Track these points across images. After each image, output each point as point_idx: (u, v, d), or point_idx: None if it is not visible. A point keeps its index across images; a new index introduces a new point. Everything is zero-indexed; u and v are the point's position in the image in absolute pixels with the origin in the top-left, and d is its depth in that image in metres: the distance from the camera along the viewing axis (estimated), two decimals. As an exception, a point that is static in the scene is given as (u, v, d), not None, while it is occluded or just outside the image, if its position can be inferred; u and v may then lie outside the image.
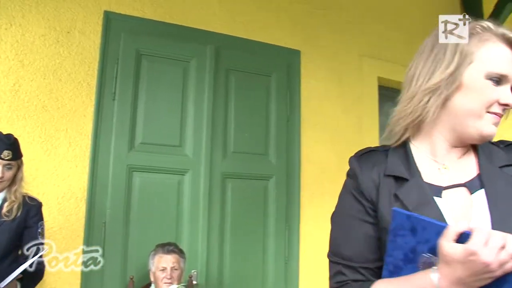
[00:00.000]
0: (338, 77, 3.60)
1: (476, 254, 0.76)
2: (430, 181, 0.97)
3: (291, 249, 3.17)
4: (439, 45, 1.00)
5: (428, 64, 0.99)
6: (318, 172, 3.37)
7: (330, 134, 3.47)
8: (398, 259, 0.90)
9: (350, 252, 1.01)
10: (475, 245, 0.76)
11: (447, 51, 0.96)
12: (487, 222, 0.89)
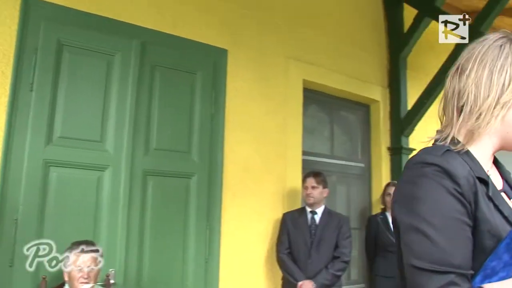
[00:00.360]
0: (264, 78, 3.75)
1: None
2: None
3: (211, 249, 3.28)
4: (506, 62, 1.05)
5: (499, 78, 1.05)
6: (241, 171, 3.50)
7: (254, 134, 3.61)
8: (502, 262, 0.92)
9: (460, 259, 0.95)
10: None
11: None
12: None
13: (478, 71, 1.06)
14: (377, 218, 4.06)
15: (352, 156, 4.73)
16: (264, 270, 3.59)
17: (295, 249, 3.46)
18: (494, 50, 1.07)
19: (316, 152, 4.37)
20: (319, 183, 3.55)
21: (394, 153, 4.71)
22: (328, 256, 3.45)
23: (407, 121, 4.68)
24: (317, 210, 3.56)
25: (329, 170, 4.38)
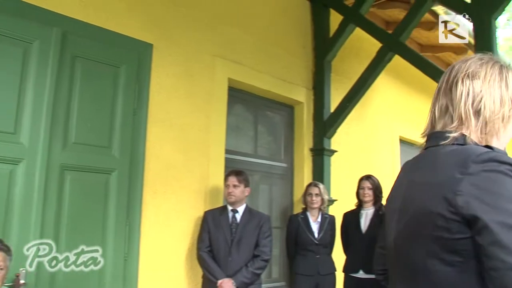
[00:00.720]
0: (189, 75, 3.82)
1: None
2: None
3: (131, 246, 3.31)
4: (510, 81, 1.22)
5: (508, 94, 1.21)
6: (163, 168, 3.54)
7: (177, 131, 3.67)
8: None
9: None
10: None
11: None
12: None
13: (491, 82, 1.20)
14: (298, 217, 4.24)
15: (275, 156, 4.91)
16: (184, 268, 3.65)
17: (216, 247, 3.55)
18: (498, 68, 1.22)
19: (239, 151, 4.49)
20: (240, 182, 3.66)
21: (316, 154, 4.94)
22: (248, 254, 3.57)
23: (329, 123, 4.93)
24: (238, 209, 3.68)
25: (252, 169, 4.52)
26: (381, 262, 1.42)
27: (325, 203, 4.32)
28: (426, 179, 1.17)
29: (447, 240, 1.07)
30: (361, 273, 4.06)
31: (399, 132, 6.62)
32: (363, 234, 4.15)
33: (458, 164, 1.08)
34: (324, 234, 4.18)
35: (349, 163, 5.45)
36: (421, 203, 1.15)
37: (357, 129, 5.71)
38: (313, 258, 4.11)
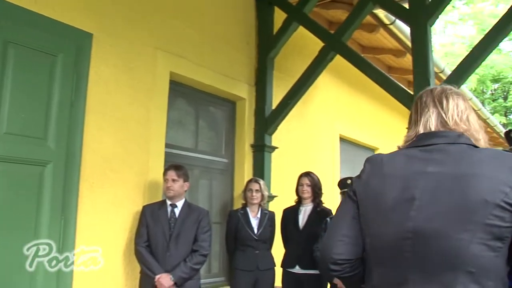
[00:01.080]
0: (130, 67, 3.79)
1: None
2: None
3: (66, 241, 3.23)
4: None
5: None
6: (101, 161, 3.50)
7: (116, 124, 3.63)
8: None
9: None
10: None
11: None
12: None
13: (469, 112, 1.49)
14: (238, 213, 4.28)
15: (216, 151, 4.94)
16: (122, 263, 3.61)
17: (154, 242, 3.54)
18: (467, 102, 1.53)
19: (180, 145, 4.48)
20: (179, 177, 3.66)
21: (257, 150, 5.01)
22: (187, 249, 3.58)
23: (271, 119, 5.01)
24: (177, 204, 3.68)
25: (192, 164, 4.52)
26: (344, 252, 1.45)
27: (265, 199, 4.38)
28: (468, 172, 1.30)
29: (499, 227, 1.23)
30: (297, 268, 4.16)
31: (339, 131, 6.81)
32: (301, 230, 4.23)
33: (509, 164, 1.29)
34: (264, 230, 4.24)
35: (290, 159, 5.56)
36: (473, 193, 1.26)
37: (298, 126, 5.83)
38: (253, 254, 4.16)
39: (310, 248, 3.99)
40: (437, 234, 1.27)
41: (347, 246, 1.45)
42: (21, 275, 2.98)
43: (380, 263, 1.40)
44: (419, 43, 4.13)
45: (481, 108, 9.13)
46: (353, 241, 1.45)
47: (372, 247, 1.42)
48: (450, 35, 21.12)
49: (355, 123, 7.30)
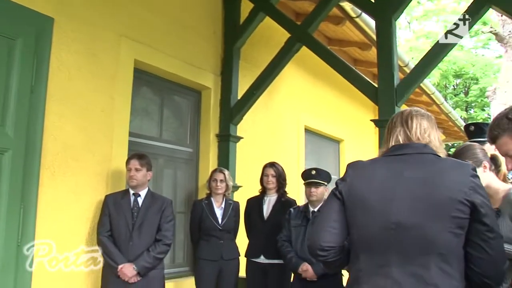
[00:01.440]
0: (93, 53, 3.74)
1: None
2: None
3: (25, 231, 3.17)
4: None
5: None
6: (62, 149, 3.46)
7: (78, 111, 3.59)
8: None
9: None
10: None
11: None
12: None
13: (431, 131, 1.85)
14: (202, 203, 4.28)
15: (181, 141, 4.92)
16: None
17: (116, 231, 3.52)
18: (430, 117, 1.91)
19: (144, 134, 4.45)
20: (143, 166, 3.63)
21: (222, 140, 5.02)
22: (150, 239, 3.57)
23: (236, 109, 5.02)
24: (140, 193, 3.66)
25: (157, 153, 4.50)
26: (331, 240, 1.80)
27: (229, 189, 4.39)
28: (436, 176, 1.68)
29: (461, 219, 1.62)
30: (262, 258, 4.19)
31: (304, 122, 6.88)
32: (265, 220, 4.26)
33: (467, 171, 1.68)
34: (228, 220, 4.26)
35: (255, 150, 5.59)
36: (441, 193, 1.64)
37: (263, 116, 5.86)
38: (217, 244, 4.17)
39: (275, 238, 4.03)
40: (415, 226, 1.63)
41: (333, 235, 1.80)
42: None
43: (366, 249, 1.73)
44: (384, 37, 4.21)
45: (443, 102, 9.37)
46: (338, 232, 1.80)
47: (359, 237, 1.77)
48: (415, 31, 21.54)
49: (321, 114, 7.38)
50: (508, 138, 1.77)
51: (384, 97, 4.11)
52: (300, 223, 3.92)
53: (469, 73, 21.02)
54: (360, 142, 8.58)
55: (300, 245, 3.84)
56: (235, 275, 4.25)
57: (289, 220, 3.99)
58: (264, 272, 4.17)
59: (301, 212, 3.98)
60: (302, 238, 3.86)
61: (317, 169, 3.98)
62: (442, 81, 20.44)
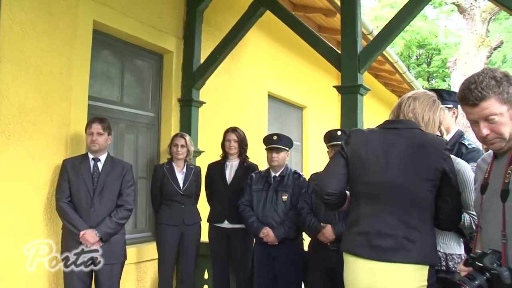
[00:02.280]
0: (49, 12, 3.63)
1: None
2: None
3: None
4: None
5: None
6: (17, 113, 3.39)
7: (34, 73, 3.51)
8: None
9: None
10: None
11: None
12: None
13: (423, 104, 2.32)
14: (163, 167, 4.26)
15: (142, 105, 4.86)
16: (43, 220, 3.54)
17: (77, 197, 3.47)
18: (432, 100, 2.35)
19: (104, 98, 4.37)
20: (105, 130, 3.57)
21: (184, 104, 4.97)
22: (111, 204, 3.55)
23: (199, 74, 4.97)
24: (100, 158, 3.60)
25: (117, 117, 4.44)
26: (335, 187, 2.28)
27: (190, 154, 4.37)
28: (420, 146, 2.16)
29: (435, 181, 2.12)
30: (225, 223, 4.21)
31: (268, 88, 6.87)
32: (228, 185, 4.27)
33: (442, 145, 2.17)
34: (189, 184, 4.25)
35: (217, 115, 5.57)
36: (423, 160, 2.13)
37: (226, 81, 5.82)
38: (178, 209, 4.18)
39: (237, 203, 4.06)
40: (403, 185, 2.13)
41: (338, 183, 2.29)
42: None
43: (365, 199, 2.22)
44: (348, 3, 4.22)
45: (406, 72, 9.52)
46: (342, 181, 2.29)
47: (360, 190, 2.24)
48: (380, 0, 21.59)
49: (284, 80, 7.38)
50: (495, 101, 1.69)
51: (347, 64, 4.13)
52: (261, 188, 3.95)
53: (432, 43, 21.36)
54: (323, 109, 8.65)
55: (262, 209, 3.88)
56: (197, 240, 4.28)
57: (250, 185, 4.01)
58: (227, 237, 4.20)
59: (263, 177, 4.00)
60: (263, 202, 3.89)
61: (278, 135, 3.98)
62: (405, 51, 20.71)
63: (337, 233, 3.47)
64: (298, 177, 3.94)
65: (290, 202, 3.84)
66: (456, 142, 3.07)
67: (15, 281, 3.28)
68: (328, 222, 3.53)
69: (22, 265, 3.30)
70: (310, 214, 3.64)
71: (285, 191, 3.86)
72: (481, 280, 1.64)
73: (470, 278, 1.66)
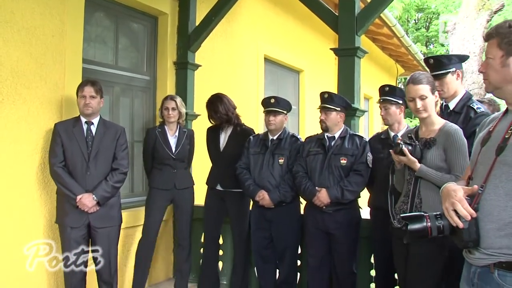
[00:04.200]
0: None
1: None
2: None
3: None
4: None
5: None
6: (10, 76, 3.36)
7: (26, 36, 3.46)
8: None
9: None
10: None
11: None
12: None
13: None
14: (155, 131, 4.21)
15: (137, 68, 4.81)
16: (37, 185, 3.53)
17: (72, 162, 3.44)
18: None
19: (99, 61, 4.31)
20: (97, 93, 3.51)
21: (180, 67, 4.91)
22: (107, 168, 3.54)
23: (194, 36, 4.89)
24: (93, 121, 3.55)
25: (112, 81, 4.40)
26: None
27: (182, 117, 4.27)
28: None
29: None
30: (219, 187, 4.20)
31: (264, 51, 6.79)
32: (221, 151, 4.22)
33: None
34: (182, 148, 4.19)
35: (214, 78, 5.51)
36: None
37: (222, 44, 5.73)
38: (170, 173, 4.13)
39: (231, 169, 4.05)
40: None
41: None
42: None
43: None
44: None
45: (404, 35, 9.42)
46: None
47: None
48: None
49: (281, 44, 7.29)
50: (495, 42, 1.74)
51: (345, 26, 4.06)
52: (259, 151, 3.94)
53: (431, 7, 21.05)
54: (320, 73, 8.57)
55: (258, 173, 3.88)
56: (190, 204, 4.26)
57: (248, 148, 4.00)
58: (222, 199, 4.19)
59: (261, 140, 3.99)
60: (260, 166, 3.89)
61: (276, 98, 3.93)
62: (404, 15, 20.43)
63: (332, 197, 3.49)
64: (296, 141, 3.91)
65: (286, 166, 3.84)
66: (465, 106, 3.07)
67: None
68: (323, 186, 3.55)
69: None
70: (305, 177, 3.65)
71: (282, 154, 3.85)
72: (445, 221, 1.73)
73: (437, 217, 1.75)
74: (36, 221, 3.52)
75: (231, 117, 4.17)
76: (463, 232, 1.66)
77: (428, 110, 2.73)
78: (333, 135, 3.65)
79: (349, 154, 3.55)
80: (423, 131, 2.81)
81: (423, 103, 2.71)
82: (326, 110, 3.61)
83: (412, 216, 1.88)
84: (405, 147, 2.72)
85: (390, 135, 3.51)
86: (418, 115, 2.77)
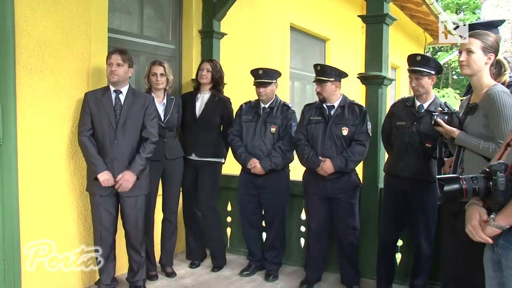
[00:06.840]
0: None
1: None
2: None
3: (6, 130, 3.10)
4: None
5: None
6: (38, 46, 3.34)
7: (52, 5, 3.43)
8: None
9: None
10: None
11: None
12: None
13: None
14: None
15: (163, 37, 4.77)
16: (67, 153, 3.55)
17: (100, 130, 3.44)
18: None
19: (124, 30, 4.28)
20: (125, 61, 3.47)
21: (205, 36, 4.86)
22: (135, 137, 3.52)
23: (219, 4, 4.81)
24: (122, 90, 3.52)
25: (138, 50, 4.37)
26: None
27: (170, 83, 4.01)
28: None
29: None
30: (193, 156, 4.14)
31: (290, 19, 6.65)
32: (197, 118, 4.13)
33: None
34: (171, 116, 3.97)
35: (239, 47, 5.44)
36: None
37: (247, 12, 5.63)
38: (160, 143, 3.79)
39: (206, 137, 4.05)
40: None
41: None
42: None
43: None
44: None
45: (433, 2, 9.09)
46: None
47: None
48: None
49: (307, 12, 7.12)
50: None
51: (373, -8, 3.94)
52: (251, 119, 3.97)
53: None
54: (346, 42, 8.38)
55: (250, 140, 3.93)
56: (179, 176, 4.11)
57: (240, 115, 4.02)
58: (195, 168, 4.16)
59: (252, 107, 4.01)
60: (252, 133, 3.93)
61: (264, 69, 3.94)
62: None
63: (336, 167, 3.55)
64: (287, 109, 3.95)
65: (277, 134, 3.89)
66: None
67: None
68: (326, 155, 3.59)
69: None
70: (307, 146, 3.69)
71: (274, 123, 3.90)
72: (480, 184, 1.73)
73: (473, 179, 1.75)
74: (66, 191, 3.57)
75: (219, 82, 4.20)
76: (499, 195, 1.66)
77: (473, 67, 2.48)
78: (333, 104, 3.69)
79: (350, 124, 3.60)
80: (473, 97, 2.61)
81: (467, 58, 2.47)
82: (320, 82, 3.63)
83: (447, 178, 1.86)
84: (439, 117, 2.65)
85: (415, 104, 3.43)
86: (460, 70, 2.55)
